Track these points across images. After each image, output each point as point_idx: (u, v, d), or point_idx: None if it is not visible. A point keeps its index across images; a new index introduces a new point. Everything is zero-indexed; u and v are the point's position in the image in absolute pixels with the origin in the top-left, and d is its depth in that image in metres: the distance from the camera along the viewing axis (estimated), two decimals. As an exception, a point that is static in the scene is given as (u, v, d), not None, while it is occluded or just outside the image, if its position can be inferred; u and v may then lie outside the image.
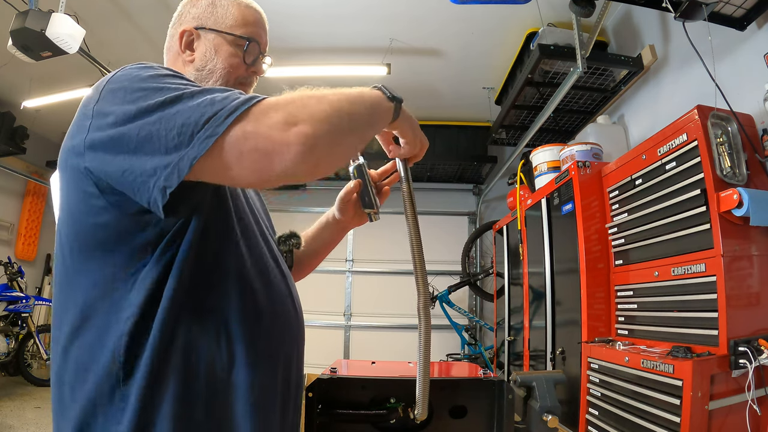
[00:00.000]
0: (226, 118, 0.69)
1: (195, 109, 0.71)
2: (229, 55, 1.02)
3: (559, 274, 2.77)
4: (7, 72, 4.27)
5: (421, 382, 0.92)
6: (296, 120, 0.71)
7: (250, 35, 1.04)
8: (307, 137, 0.71)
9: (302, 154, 0.71)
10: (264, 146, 0.71)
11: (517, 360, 3.57)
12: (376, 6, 3.53)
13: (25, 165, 5.85)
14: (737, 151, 1.82)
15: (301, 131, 0.71)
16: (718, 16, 2.12)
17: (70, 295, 0.82)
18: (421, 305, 0.92)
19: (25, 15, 2.60)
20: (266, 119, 0.71)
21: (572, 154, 2.79)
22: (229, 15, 1.04)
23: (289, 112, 0.72)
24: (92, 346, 0.77)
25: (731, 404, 1.64)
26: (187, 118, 0.70)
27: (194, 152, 0.69)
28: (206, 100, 0.72)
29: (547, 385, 1.07)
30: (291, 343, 0.98)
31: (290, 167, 0.71)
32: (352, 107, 0.81)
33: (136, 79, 0.78)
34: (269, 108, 0.72)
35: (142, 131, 0.71)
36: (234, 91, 0.75)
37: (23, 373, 5.04)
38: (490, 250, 5.36)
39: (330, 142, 0.75)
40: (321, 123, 0.73)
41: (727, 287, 1.66)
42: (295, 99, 0.76)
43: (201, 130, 0.69)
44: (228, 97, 0.72)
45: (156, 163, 0.70)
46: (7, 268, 5.02)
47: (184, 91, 0.74)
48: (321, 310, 5.70)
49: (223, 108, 0.70)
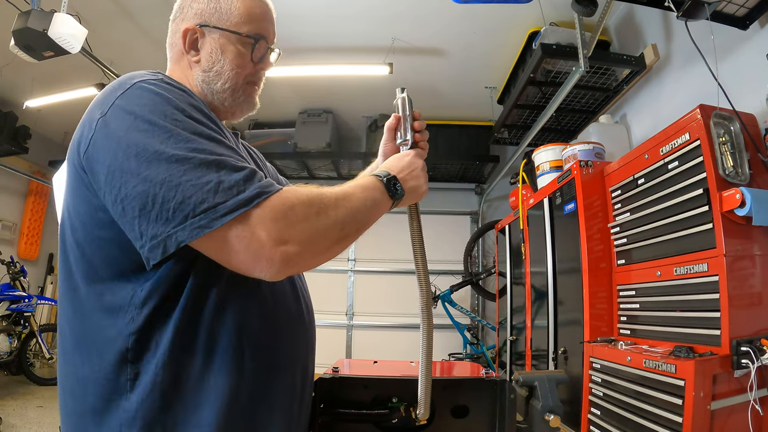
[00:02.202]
0: (224, 215, 0.69)
1: (197, 189, 0.70)
2: (237, 56, 0.99)
3: (562, 273, 2.76)
4: (10, 72, 4.28)
5: (423, 382, 0.92)
6: (287, 239, 0.73)
7: (257, 32, 1.00)
8: (291, 258, 0.73)
9: (282, 271, 0.74)
10: (251, 253, 0.72)
11: (519, 359, 3.57)
12: (379, 6, 3.53)
13: (27, 164, 5.87)
14: (740, 151, 1.81)
15: (287, 251, 0.72)
16: (720, 16, 2.12)
17: (75, 299, 0.83)
18: (423, 305, 0.92)
19: (28, 15, 2.61)
20: (261, 230, 0.71)
21: (574, 154, 2.78)
22: (234, 10, 0.99)
23: (285, 226, 0.73)
24: (91, 359, 0.79)
25: (733, 404, 1.63)
26: (188, 196, 0.69)
27: (183, 236, 0.69)
28: (212, 183, 0.70)
29: (549, 385, 1.07)
30: (305, 350, 0.99)
31: (269, 276, 0.74)
32: (353, 218, 0.83)
33: (148, 108, 0.76)
34: (268, 216, 0.72)
35: (140, 186, 0.70)
36: (244, 172, 0.74)
37: (26, 372, 5.05)
38: (492, 249, 5.36)
39: (313, 257, 0.78)
40: (310, 244, 0.76)
41: (729, 287, 1.66)
42: (296, 207, 0.75)
43: (196, 217, 0.69)
44: (234, 186, 0.71)
45: (144, 228, 0.71)
46: (10, 268, 5.03)
47: (195, 156, 0.72)
48: (323, 309, 5.70)
49: (225, 201, 0.70)
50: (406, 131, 1.05)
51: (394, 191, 0.91)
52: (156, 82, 0.81)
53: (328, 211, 0.78)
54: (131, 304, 0.77)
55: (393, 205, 0.93)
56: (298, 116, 5.29)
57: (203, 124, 0.79)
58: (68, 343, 0.84)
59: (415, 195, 0.98)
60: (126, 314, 0.77)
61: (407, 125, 1.06)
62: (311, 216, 0.76)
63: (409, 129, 1.05)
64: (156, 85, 0.80)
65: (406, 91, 1.08)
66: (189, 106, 0.80)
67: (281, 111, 5.27)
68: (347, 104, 5.19)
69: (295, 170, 5.84)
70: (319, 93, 4.94)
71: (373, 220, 0.89)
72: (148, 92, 0.78)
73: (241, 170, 0.74)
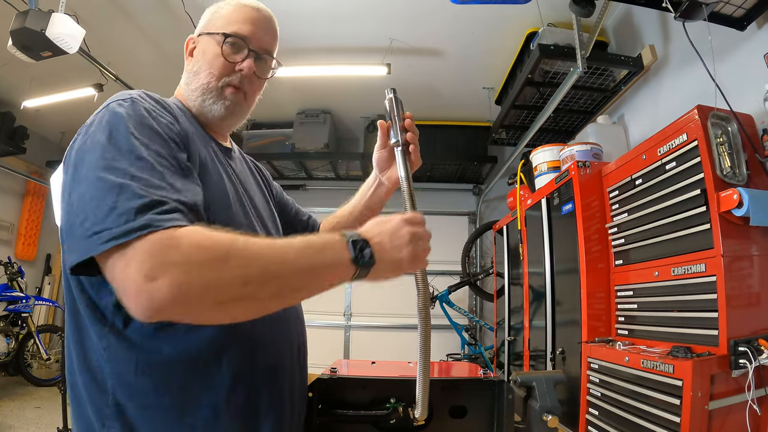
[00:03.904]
0: (106, 241, 0.65)
1: (95, 212, 0.68)
2: (214, 56, 1.01)
3: (559, 274, 2.77)
4: (7, 72, 4.27)
5: (421, 382, 0.92)
6: (158, 276, 0.63)
7: (234, 32, 1.01)
8: (157, 299, 0.63)
9: (149, 313, 0.64)
10: (121, 285, 0.66)
11: (517, 360, 3.57)
12: (377, 6, 3.53)
13: (25, 165, 5.85)
14: (737, 151, 1.82)
15: (154, 292, 0.63)
16: (718, 16, 2.12)
17: (73, 305, 0.84)
18: (421, 305, 0.92)
19: (25, 15, 2.60)
20: (134, 262, 0.64)
21: (572, 154, 2.79)
22: (220, 16, 1.04)
23: (160, 263, 0.63)
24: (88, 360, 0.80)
25: (731, 404, 1.63)
26: (86, 218, 0.68)
27: (73, 258, 0.69)
28: (107, 207, 0.67)
29: (547, 385, 1.07)
30: (288, 348, 0.99)
31: (138, 315, 0.65)
32: (271, 277, 0.70)
33: (102, 127, 0.78)
34: (146, 249, 0.64)
35: (69, 202, 0.74)
36: (143, 200, 0.68)
37: (23, 373, 5.04)
38: (490, 250, 5.36)
39: (190, 306, 0.66)
40: (188, 291, 0.64)
41: (727, 287, 1.66)
42: (185, 248, 0.65)
43: (87, 238, 0.67)
44: (125, 214, 0.66)
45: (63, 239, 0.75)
46: (7, 268, 5.02)
47: (107, 178, 0.70)
48: (321, 310, 5.69)
49: (111, 228, 0.66)
50: (397, 132, 1.05)
51: (359, 257, 0.77)
52: (125, 103, 0.83)
53: (229, 260, 0.67)
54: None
55: (357, 274, 0.78)
56: (296, 117, 5.28)
57: (144, 142, 0.77)
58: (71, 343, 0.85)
59: (396, 267, 0.82)
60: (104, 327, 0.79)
61: (397, 126, 1.06)
62: (203, 261, 0.65)
63: (399, 130, 1.05)
64: (121, 106, 0.82)
65: (395, 92, 1.08)
66: (138, 122, 0.80)
67: (279, 111, 5.26)
68: (345, 105, 5.19)
69: (293, 171, 5.84)
70: (317, 93, 4.93)
71: (318, 285, 0.76)
72: (111, 113, 0.80)
73: (142, 198, 0.68)
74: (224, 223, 0.82)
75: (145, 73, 4.42)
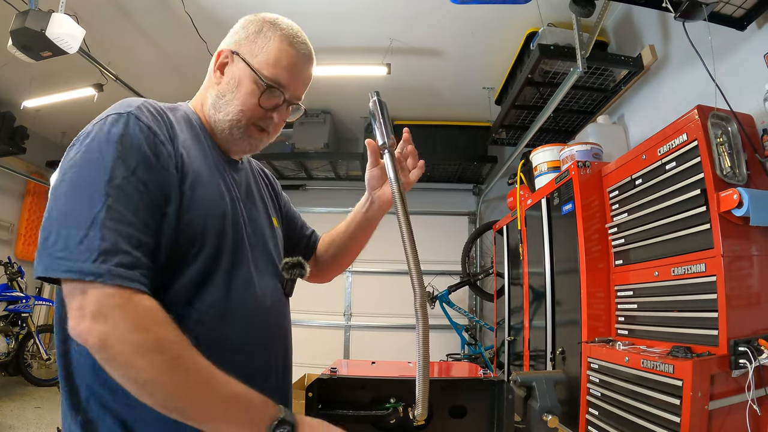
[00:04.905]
0: (63, 271, 0.71)
1: (64, 237, 0.72)
2: (247, 94, 0.98)
3: (559, 274, 2.77)
4: (8, 72, 4.27)
5: (420, 382, 0.92)
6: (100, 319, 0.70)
7: (275, 79, 0.98)
8: (96, 340, 0.70)
9: (91, 347, 0.71)
10: (71, 316, 0.72)
11: (517, 360, 3.57)
12: (377, 6, 3.53)
13: (25, 165, 5.85)
14: (737, 151, 1.82)
15: (93, 334, 0.70)
16: (718, 16, 2.12)
17: None
18: (419, 304, 0.92)
19: (25, 15, 2.60)
20: (81, 313, 0.71)
21: (572, 154, 2.78)
22: (265, 49, 0.98)
23: (99, 315, 0.70)
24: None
25: (731, 404, 1.63)
26: (57, 234, 0.73)
27: (39, 269, 0.73)
28: (76, 238, 0.71)
29: (547, 385, 1.07)
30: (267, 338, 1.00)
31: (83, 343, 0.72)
32: (171, 390, 0.72)
33: (95, 145, 0.79)
34: (95, 301, 0.70)
35: (49, 212, 0.76)
36: (107, 243, 0.72)
37: (23, 373, 5.04)
38: (490, 250, 5.35)
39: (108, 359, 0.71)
40: (112, 349, 0.70)
41: (727, 287, 1.66)
42: (129, 327, 0.70)
43: (51, 259, 0.72)
44: (88, 251, 0.71)
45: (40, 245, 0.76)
46: (7, 268, 5.02)
47: (84, 209, 0.73)
48: (321, 310, 5.70)
49: (73, 260, 0.71)
50: (383, 135, 1.04)
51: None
52: (122, 120, 0.82)
53: (155, 354, 0.70)
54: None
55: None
56: (296, 116, 5.28)
57: (134, 174, 0.79)
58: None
59: None
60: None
61: (383, 129, 1.05)
62: (134, 340, 0.70)
63: (385, 132, 1.04)
64: (115, 122, 0.82)
65: (379, 94, 1.07)
66: (126, 151, 0.80)
67: (279, 111, 5.26)
68: (345, 105, 5.19)
69: (293, 171, 5.84)
70: (317, 93, 4.93)
71: (205, 419, 0.74)
72: (106, 129, 0.81)
73: (109, 240, 0.72)
74: (212, 240, 0.88)
75: (145, 73, 4.42)
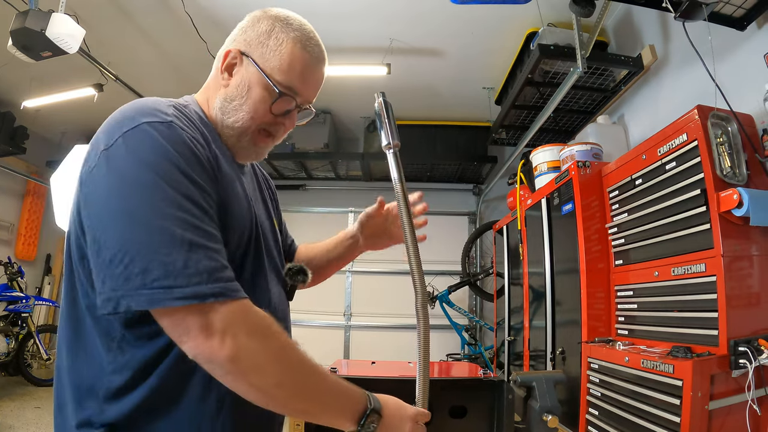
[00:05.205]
0: (177, 298, 0.69)
1: (163, 266, 0.69)
2: (258, 101, 0.94)
3: (559, 274, 2.77)
4: (8, 72, 4.27)
5: (420, 382, 0.92)
6: (233, 339, 0.71)
7: (288, 86, 0.94)
8: (227, 359, 0.71)
9: (220, 370, 0.72)
10: (192, 341, 0.71)
11: (517, 360, 3.57)
12: (377, 6, 3.53)
13: (25, 165, 5.85)
14: (737, 151, 1.82)
15: (226, 352, 0.71)
16: (718, 16, 2.12)
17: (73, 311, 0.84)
18: (419, 304, 0.92)
19: (25, 15, 2.60)
20: (208, 333, 0.71)
21: (572, 154, 2.78)
22: (278, 53, 0.93)
23: (237, 332, 0.72)
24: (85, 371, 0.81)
25: (731, 404, 1.63)
26: (152, 268, 0.69)
27: (133, 303, 0.70)
28: (179, 264, 0.70)
29: (547, 385, 1.07)
30: None
31: (210, 370, 0.73)
32: (296, 384, 0.78)
33: (146, 161, 0.74)
34: (221, 318, 0.71)
35: (116, 241, 0.71)
36: (213, 263, 0.73)
37: (23, 373, 5.04)
38: (490, 250, 5.36)
39: (246, 373, 0.73)
40: (252, 361, 0.73)
41: (727, 287, 1.66)
42: (252, 318, 0.75)
43: (152, 290, 0.69)
44: (197, 275, 0.70)
45: (107, 278, 0.72)
46: (7, 268, 5.02)
47: (174, 231, 0.71)
48: (321, 310, 5.70)
49: (183, 287, 0.69)
50: (388, 135, 1.04)
51: (366, 423, 0.83)
52: (163, 127, 0.78)
53: (278, 362, 0.76)
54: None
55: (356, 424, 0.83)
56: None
57: (196, 184, 0.77)
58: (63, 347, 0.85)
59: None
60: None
61: (389, 129, 1.05)
62: (261, 347, 0.74)
63: (390, 133, 1.04)
64: (161, 132, 0.77)
65: (384, 95, 1.07)
66: (187, 163, 0.77)
67: (279, 111, 5.27)
68: (345, 105, 5.19)
69: (293, 171, 5.84)
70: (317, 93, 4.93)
71: (321, 420, 0.82)
72: (150, 140, 0.76)
73: (211, 260, 0.73)
74: (241, 251, 0.90)
75: (145, 73, 4.42)
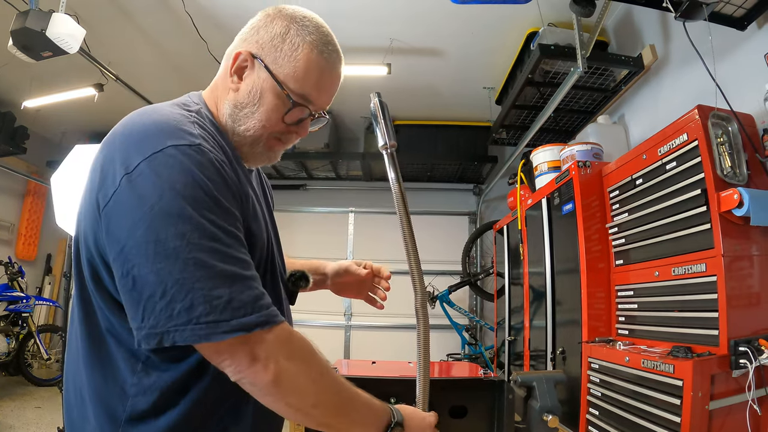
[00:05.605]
0: (225, 332, 0.70)
1: (207, 301, 0.70)
2: (271, 109, 0.90)
3: (560, 273, 2.76)
4: (8, 72, 4.28)
5: (421, 382, 0.92)
6: (276, 364, 0.74)
7: (302, 94, 0.91)
8: (271, 383, 0.74)
9: (263, 393, 0.75)
10: (241, 368, 0.74)
11: (517, 360, 3.57)
12: (376, 6, 3.53)
13: (25, 165, 5.85)
14: (738, 151, 1.82)
15: (271, 376, 0.74)
16: (718, 16, 2.12)
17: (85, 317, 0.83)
18: (419, 304, 0.92)
19: (26, 15, 2.60)
20: (254, 353, 0.73)
21: (572, 154, 2.78)
22: (292, 59, 0.89)
23: (280, 357, 0.74)
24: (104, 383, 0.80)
25: (732, 404, 1.63)
26: (196, 304, 0.69)
27: (181, 338, 0.69)
28: (223, 299, 0.70)
29: (548, 385, 1.07)
30: None
31: (253, 392, 0.76)
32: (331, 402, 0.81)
33: (177, 190, 0.71)
34: (270, 344, 0.74)
35: (153, 276, 0.69)
36: (254, 292, 0.74)
37: (24, 373, 5.04)
38: (490, 250, 5.36)
39: (287, 394, 0.76)
40: (292, 382, 0.75)
41: (727, 287, 1.66)
42: (296, 343, 0.78)
43: (198, 325, 0.69)
44: (242, 307, 0.72)
45: (147, 314, 0.70)
46: (8, 268, 5.02)
47: (214, 265, 0.71)
48: (321, 309, 5.69)
49: (229, 320, 0.70)
50: (385, 135, 1.04)
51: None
52: (192, 151, 0.75)
53: (316, 383, 0.79)
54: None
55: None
56: (297, 116, 5.28)
57: (227, 211, 0.76)
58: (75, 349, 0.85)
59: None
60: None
61: (385, 129, 1.05)
62: (301, 371, 0.77)
63: (386, 133, 1.04)
64: (191, 158, 0.74)
65: (380, 95, 1.07)
66: (216, 189, 0.76)
67: (279, 111, 5.27)
68: (346, 105, 5.19)
69: (293, 171, 5.84)
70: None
71: (344, 428, 0.84)
72: (180, 166, 0.73)
73: (252, 289, 0.74)
74: (260, 266, 0.90)
75: (145, 73, 4.42)
